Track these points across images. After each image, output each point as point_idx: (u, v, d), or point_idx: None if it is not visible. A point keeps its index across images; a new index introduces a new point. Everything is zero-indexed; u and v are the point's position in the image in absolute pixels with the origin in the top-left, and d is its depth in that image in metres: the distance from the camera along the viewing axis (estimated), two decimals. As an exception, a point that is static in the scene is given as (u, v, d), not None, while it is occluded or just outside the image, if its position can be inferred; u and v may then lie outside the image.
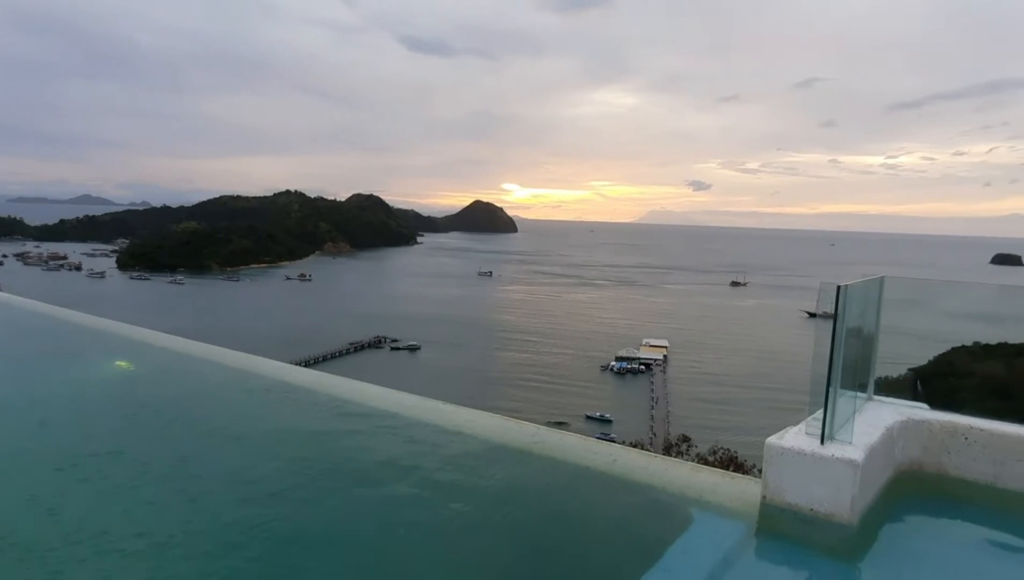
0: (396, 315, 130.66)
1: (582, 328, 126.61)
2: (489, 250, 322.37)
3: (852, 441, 3.91)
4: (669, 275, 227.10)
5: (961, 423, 4.42)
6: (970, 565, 3.89)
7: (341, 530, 4.20)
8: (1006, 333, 21.48)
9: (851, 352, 4.25)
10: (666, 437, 46.57)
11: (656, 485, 4.47)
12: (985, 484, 4.31)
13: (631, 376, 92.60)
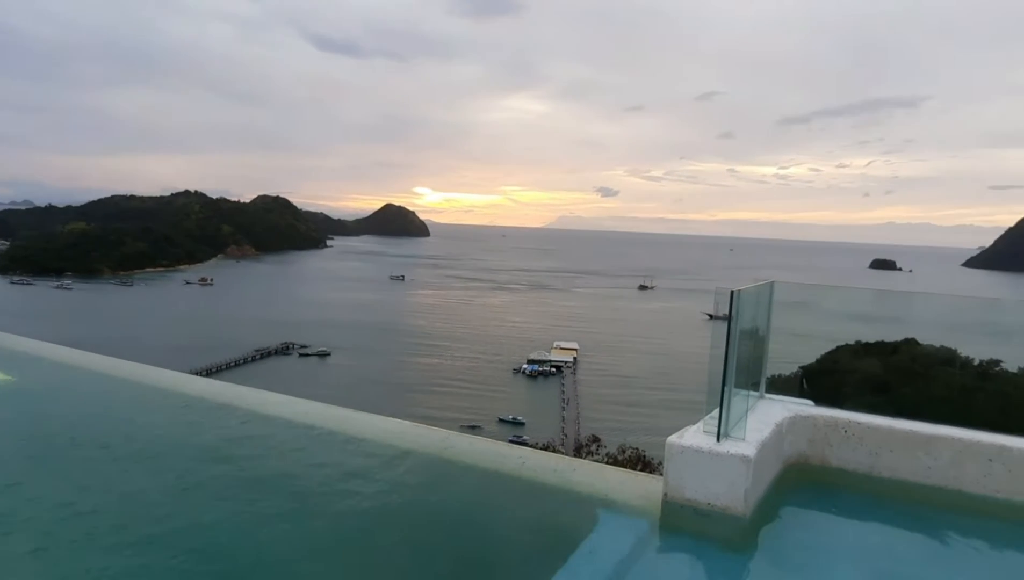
0: (305, 321, 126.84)
1: (495, 332, 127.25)
2: (401, 254, 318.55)
3: (745, 438, 4.13)
4: (580, 279, 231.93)
5: (841, 418, 4.75)
6: (852, 548, 4.18)
7: (244, 544, 4.04)
8: (883, 332, 23.09)
9: (744, 353, 4.49)
10: (577, 437, 47.31)
11: (564, 486, 4.56)
12: (863, 473, 4.66)
13: (543, 378, 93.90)
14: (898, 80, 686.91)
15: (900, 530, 4.44)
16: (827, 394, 18.74)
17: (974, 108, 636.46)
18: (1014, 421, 4.89)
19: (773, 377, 18.56)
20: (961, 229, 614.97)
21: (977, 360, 29.56)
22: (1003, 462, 4.27)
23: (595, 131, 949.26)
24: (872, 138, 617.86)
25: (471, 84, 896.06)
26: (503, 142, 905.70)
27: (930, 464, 4.46)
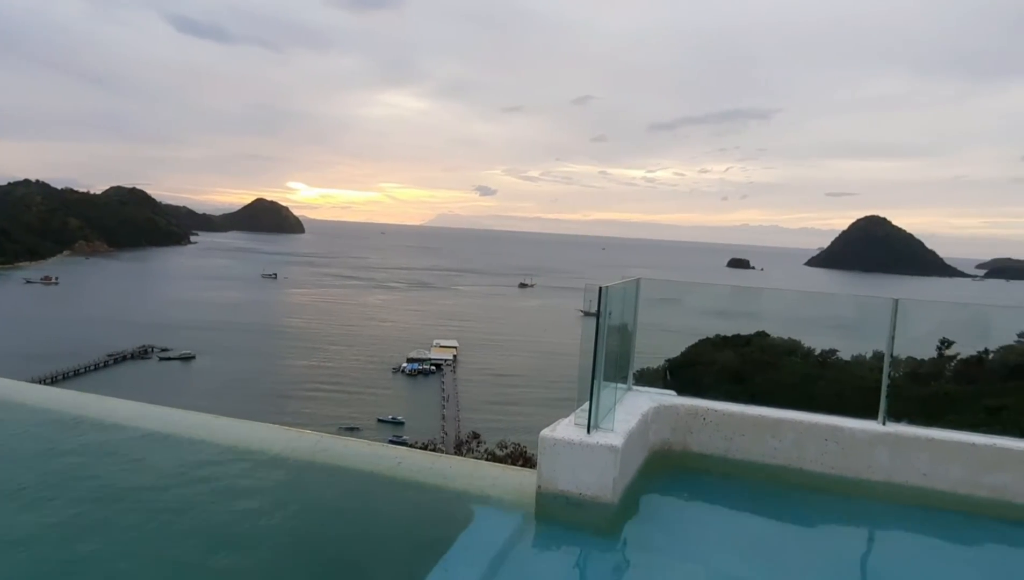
0: (166, 322, 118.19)
1: (374, 331, 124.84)
2: (274, 251, 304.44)
3: (614, 428, 4.31)
4: (460, 277, 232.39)
5: (701, 406, 5.08)
6: (711, 527, 4.48)
7: (103, 554, 3.71)
8: (739, 326, 24.69)
9: (613, 347, 4.69)
10: (457, 435, 47.39)
11: (440, 484, 4.56)
12: (719, 457, 5.01)
13: (422, 377, 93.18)
14: (753, 94, 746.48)
15: (752, 507, 4.82)
16: (691, 384, 19.92)
17: (816, 122, 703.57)
18: (848, 403, 5.39)
19: (645, 369, 19.38)
20: (804, 231, 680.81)
21: (818, 350, 32.63)
22: (837, 441, 4.74)
23: (474, 130, 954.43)
24: (730, 146, 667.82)
25: (349, 77, 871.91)
26: (382, 138, 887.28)
27: (776, 446, 4.87)
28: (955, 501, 4.46)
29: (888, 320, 4.72)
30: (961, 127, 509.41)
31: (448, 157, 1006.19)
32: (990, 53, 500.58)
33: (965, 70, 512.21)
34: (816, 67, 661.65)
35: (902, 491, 4.56)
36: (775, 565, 4.02)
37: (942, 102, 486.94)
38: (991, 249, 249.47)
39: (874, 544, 4.51)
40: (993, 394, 20.09)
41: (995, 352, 20.97)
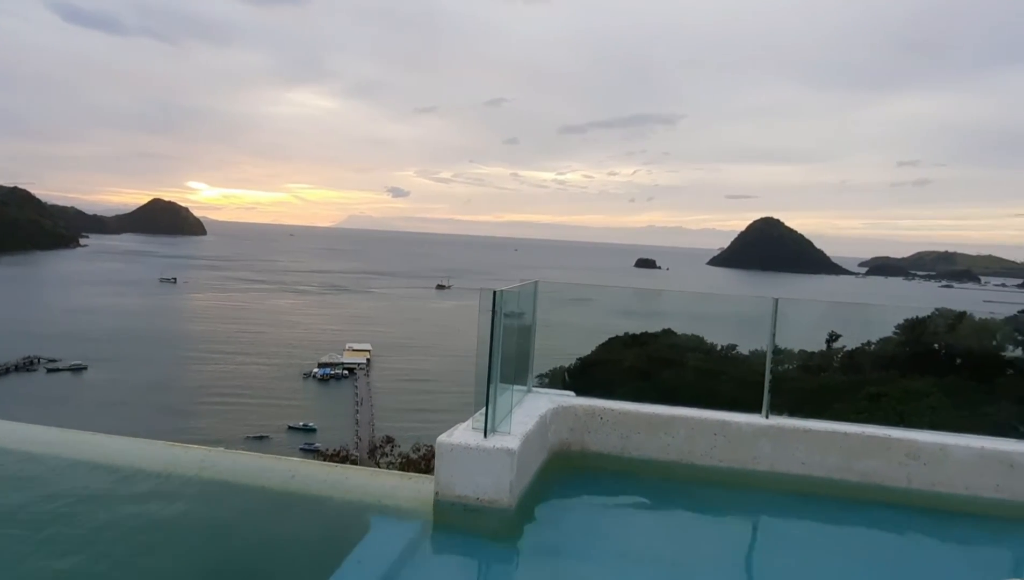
0: (55, 332, 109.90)
1: (284, 336, 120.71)
2: (173, 254, 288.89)
3: (511, 431, 4.33)
4: (375, 280, 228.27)
5: (598, 406, 5.18)
6: (608, 524, 4.56)
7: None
8: (646, 324, 25.26)
9: (511, 350, 4.71)
10: (371, 440, 46.33)
11: (335, 495, 4.43)
12: (616, 455, 5.12)
13: (335, 382, 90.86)
14: (659, 100, 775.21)
15: (647, 503, 4.96)
16: (601, 382, 20.26)
17: (717, 128, 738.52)
18: (748, 395, 5.58)
19: (557, 368, 19.58)
20: (707, 232, 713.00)
21: (719, 346, 34.04)
22: (725, 435, 4.94)
23: (386, 131, 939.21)
24: (637, 150, 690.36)
25: (252, 74, 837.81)
26: (289, 137, 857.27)
27: (669, 442, 5.03)
28: (830, 487, 4.75)
29: (770, 318, 4.97)
30: (845, 136, 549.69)
31: (359, 158, 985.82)
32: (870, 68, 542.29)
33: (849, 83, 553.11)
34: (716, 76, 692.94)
35: (783, 480, 4.81)
36: (668, 559, 4.14)
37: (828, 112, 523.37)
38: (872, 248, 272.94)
39: (759, 532, 4.74)
40: (874, 382, 21.50)
41: (876, 344, 22.44)
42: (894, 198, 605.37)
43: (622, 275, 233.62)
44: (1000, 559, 4.26)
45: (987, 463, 4.55)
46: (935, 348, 19.57)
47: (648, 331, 33.62)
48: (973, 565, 4.13)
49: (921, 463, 4.62)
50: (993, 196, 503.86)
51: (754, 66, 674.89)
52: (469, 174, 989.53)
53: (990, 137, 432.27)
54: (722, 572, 4.02)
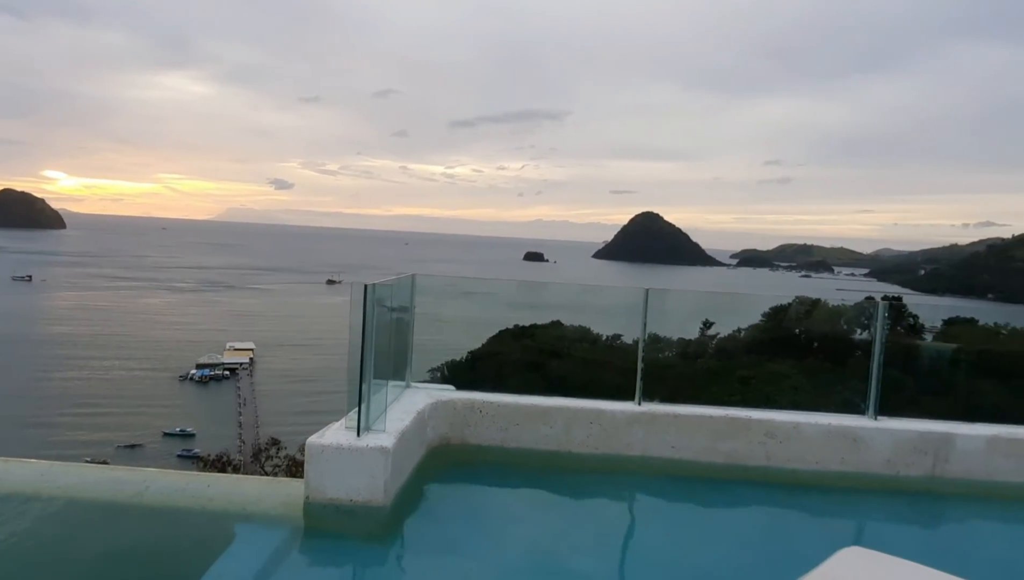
0: None
1: (157, 337, 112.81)
2: (28, 250, 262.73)
3: (386, 429, 4.21)
4: (258, 275, 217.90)
5: (477, 399, 5.15)
6: (488, 517, 4.53)
7: None
8: (535, 317, 25.57)
9: (388, 345, 4.59)
10: (256, 443, 44.43)
11: (196, 506, 4.14)
12: (496, 447, 5.12)
13: (215, 383, 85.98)
14: (547, 96, 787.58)
15: (527, 494, 4.99)
16: (492, 375, 20.23)
17: (601, 125, 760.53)
18: (631, 385, 5.69)
19: (447, 363, 19.39)
20: (592, 226, 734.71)
21: (605, 336, 35.24)
22: (600, 424, 5.06)
23: (267, 120, 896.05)
24: (525, 145, 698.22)
25: (115, 55, 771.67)
26: (158, 124, 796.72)
27: (548, 432, 5.09)
28: (698, 468, 4.97)
29: (641, 308, 5.13)
30: (717, 135, 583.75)
31: (238, 148, 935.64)
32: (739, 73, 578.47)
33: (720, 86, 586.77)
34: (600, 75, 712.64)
35: (655, 464, 4.99)
36: (546, 546, 4.17)
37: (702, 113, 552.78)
38: (741, 241, 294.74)
39: (634, 514, 4.89)
40: (744, 367, 22.81)
41: (745, 330, 23.84)
42: (760, 194, 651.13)
43: (512, 268, 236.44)
44: (845, 528, 4.62)
45: (834, 438, 4.92)
46: (796, 333, 21.05)
47: (537, 323, 34.27)
48: (822, 535, 4.46)
49: (777, 441, 4.93)
50: (844, 194, 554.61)
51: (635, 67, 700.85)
52: (357, 167, 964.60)
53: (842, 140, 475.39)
54: (597, 556, 4.10)
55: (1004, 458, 4.86)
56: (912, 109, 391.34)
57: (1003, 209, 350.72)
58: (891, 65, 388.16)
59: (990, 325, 18.93)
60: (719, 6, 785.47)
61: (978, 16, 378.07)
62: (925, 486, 4.85)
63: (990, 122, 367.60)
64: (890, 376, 5.09)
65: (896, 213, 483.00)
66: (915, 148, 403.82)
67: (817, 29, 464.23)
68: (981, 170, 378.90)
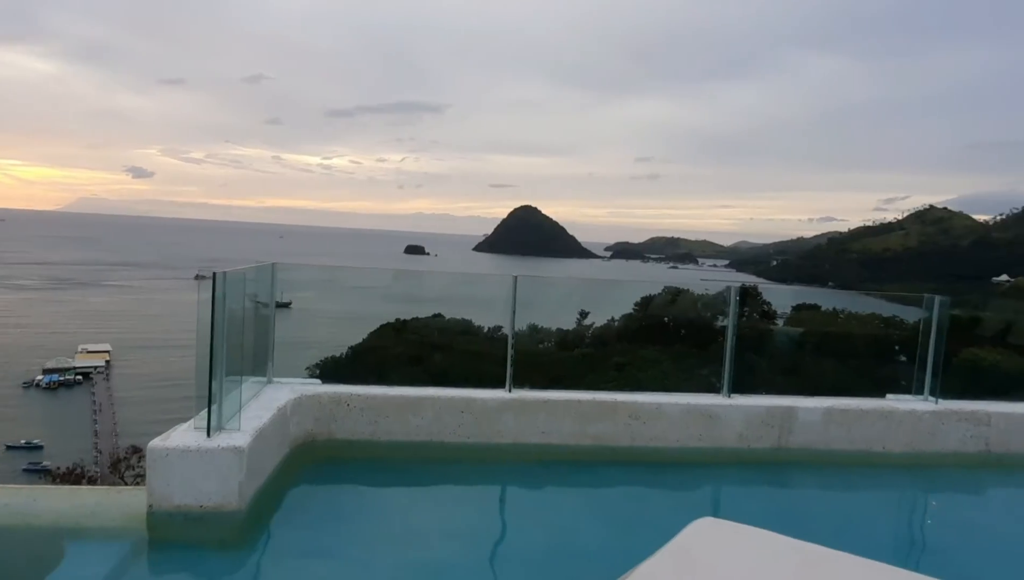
0: None
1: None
2: None
3: (240, 428, 3.95)
4: (116, 271, 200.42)
5: (344, 392, 4.97)
6: (356, 513, 4.35)
7: None
8: (417, 310, 25.07)
9: (244, 339, 4.30)
10: (113, 452, 41.07)
11: (20, 524, 3.69)
12: (365, 441, 4.96)
13: (65, 390, 78.38)
14: (427, 88, 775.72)
15: (396, 487, 4.87)
16: (375, 369, 19.66)
17: (481, 118, 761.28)
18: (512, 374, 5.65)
19: (329, 358, 18.54)
20: (472, 219, 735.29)
21: (486, 327, 35.56)
22: (471, 412, 5.03)
23: (122, 103, 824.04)
24: (405, 137, 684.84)
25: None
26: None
27: (418, 423, 4.99)
28: (567, 452, 5.06)
29: (510, 296, 5.15)
30: (592, 132, 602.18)
31: (90, 132, 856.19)
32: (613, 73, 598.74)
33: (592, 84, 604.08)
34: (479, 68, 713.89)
35: (526, 450, 5.03)
36: (418, 539, 4.08)
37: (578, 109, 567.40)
38: (615, 234, 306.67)
39: (505, 501, 4.90)
40: (619, 354, 23.63)
41: (619, 319, 24.72)
42: (632, 189, 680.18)
43: (392, 261, 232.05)
44: (703, 499, 4.88)
45: (692, 417, 5.17)
46: (665, 321, 22.12)
47: (419, 316, 34.00)
48: (682, 508, 4.67)
49: (641, 422, 5.12)
50: (707, 190, 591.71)
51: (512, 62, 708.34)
52: (225, 155, 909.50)
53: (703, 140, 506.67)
54: (469, 545, 4.06)
55: (838, 427, 5.32)
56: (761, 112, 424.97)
57: (841, 205, 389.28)
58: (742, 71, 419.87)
59: (830, 310, 20.79)
60: (587, 5, 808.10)
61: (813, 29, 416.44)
62: (772, 456, 5.21)
63: (826, 126, 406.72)
64: (747, 358, 5.42)
65: (752, 208, 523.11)
66: (766, 148, 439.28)
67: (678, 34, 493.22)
68: (821, 170, 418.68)
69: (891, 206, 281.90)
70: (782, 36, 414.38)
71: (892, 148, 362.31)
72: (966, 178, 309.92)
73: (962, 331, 14.31)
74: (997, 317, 16.95)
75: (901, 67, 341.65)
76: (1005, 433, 5.56)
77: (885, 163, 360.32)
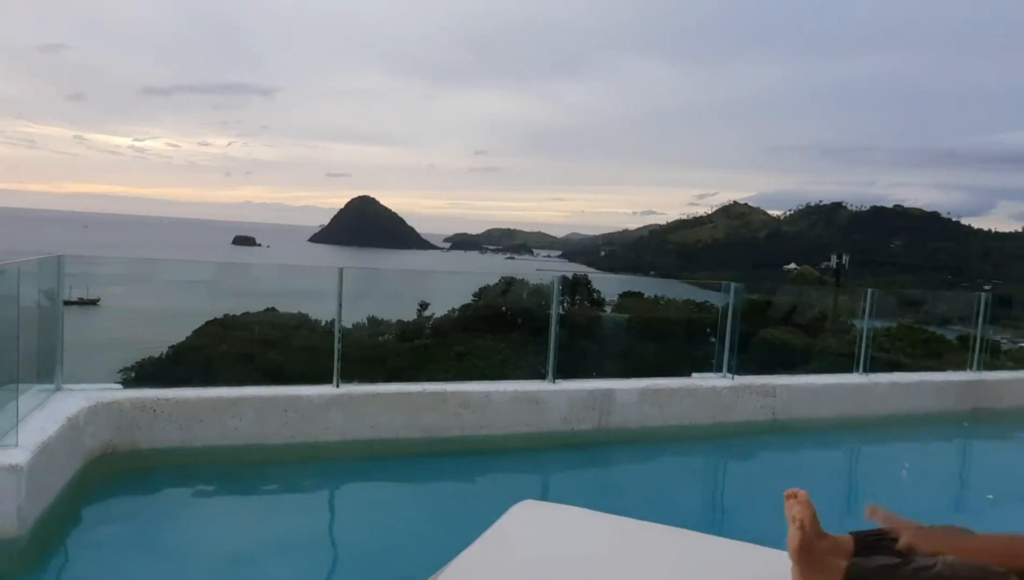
0: None
1: None
2: None
3: (18, 443, 3.48)
4: None
5: (149, 397, 4.54)
6: (164, 528, 3.97)
7: None
8: (248, 304, 23.62)
9: (22, 341, 3.78)
10: None
11: None
12: (176, 448, 4.57)
13: None
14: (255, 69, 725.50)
15: (212, 496, 4.55)
16: (200, 370, 18.13)
17: (315, 105, 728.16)
18: (352, 370, 5.42)
19: (146, 359, 16.80)
20: (307, 209, 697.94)
21: (324, 321, 34.40)
22: (296, 410, 4.81)
23: None
24: (232, 120, 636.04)
25: None
26: None
27: (237, 425, 4.69)
28: (398, 446, 5.02)
29: (336, 288, 4.99)
30: (431, 123, 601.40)
31: None
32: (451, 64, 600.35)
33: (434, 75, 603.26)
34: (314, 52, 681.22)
35: (356, 446, 4.91)
36: (232, 551, 3.82)
37: (417, 99, 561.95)
38: (454, 226, 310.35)
39: (334, 502, 4.74)
40: (459, 343, 23.81)
41: (459, 310, 24.91)
42: (471, 182, 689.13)
43: (219, 254, 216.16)
44: (530, 483, 5.04)
45: (520, 403, 5.34)
46: (503, 310, 22.64)
47: (250, 311, 32.05)
48: (509, 493, 4.74)
49: (471, 411, 5.19)
50: (541, 183, 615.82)
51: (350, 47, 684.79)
52: (15, 133, 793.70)
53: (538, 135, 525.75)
54: (292, 552, 3.88)
55: (651, 406, 5.75)
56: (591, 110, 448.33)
57: (661, 200, 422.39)
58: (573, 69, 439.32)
59: (651, 297, 22.43)
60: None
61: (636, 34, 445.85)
62: (593, 437, 5.52)
63: (648, 125, 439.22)
64: (579, 344, 5.69)
65: (582, 201, 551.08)
66: (595, 145, 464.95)
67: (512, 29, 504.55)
68: (644, 166, 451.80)
69: (703, 201, 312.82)
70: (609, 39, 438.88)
71: (704, 148, 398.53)
72: (764, 177, 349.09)
73: (757, 314, 16.06)
74: (785, 300, 19.20)
75: (711, 75, 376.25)
76: (788, 402, 6.33)
77: (699, 161, 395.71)
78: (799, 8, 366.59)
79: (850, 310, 17.04)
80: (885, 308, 13.24)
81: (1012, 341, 14.56)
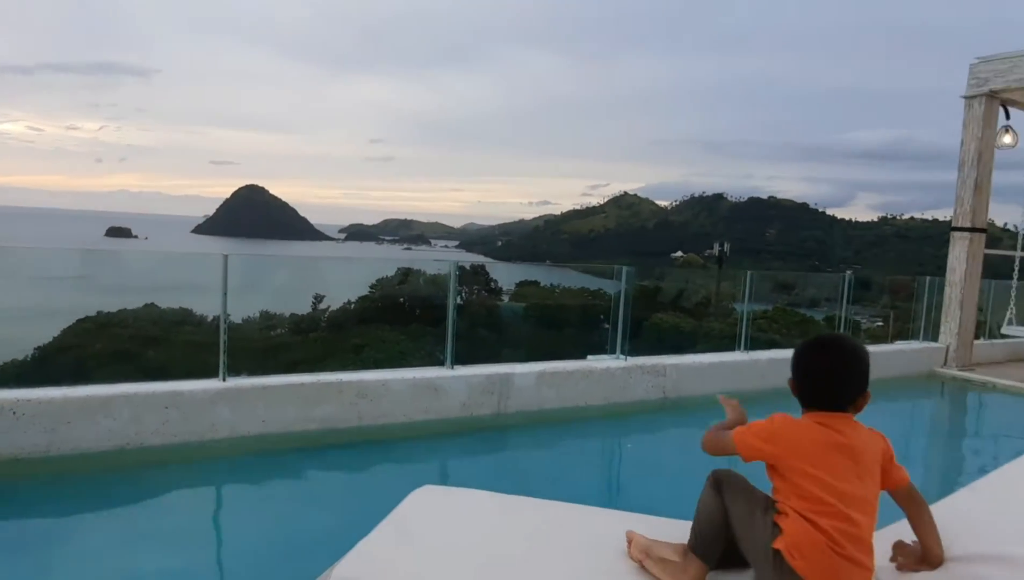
0: None
1: None
2: None
3: None
4: None
5: (8, 398, 4.12)
6: (29, 548, 3.63)
7: None
8: (124, 301, 21.89)
9: None
10: None
11: None
12: (40, 457, 4.18)
13: None
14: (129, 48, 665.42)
15: (83, 509, 4.17)
16: (72, 371, 16.70)
17: (198, 88, 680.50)
18: (241, 364, 5.13)
19: (6, 364, 15.40)
20: (189, 199, 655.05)
21: (211, 316, 32.61)
22: (178, 407, 4.53)
23: None
24: (104, 102, 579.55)
25: None
26: None
27: (111, 426, 4.36)
28: (291, 439, 4.83)
29: (220, 277, 4.73)
30: (324, 111, 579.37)
31: None
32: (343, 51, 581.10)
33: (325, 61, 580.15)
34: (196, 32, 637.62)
35: (245, 442, 4.69)
36: (108, 569, 3.52)
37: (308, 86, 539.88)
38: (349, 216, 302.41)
39: (221, 502, 4.49)
40: (356, 336, 23.42)
41: (355, 302, 24.50)
42: (366, 171, 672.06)
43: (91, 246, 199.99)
44: (430, 470, 4.99)
45: (418, 390, 5.28)
46: (401, 301, 22.36)
47: (127, 308, 29.93)
48: (410, 481, 4.69)
49: (368, 400, 5.08)
50: (438, 173, 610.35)
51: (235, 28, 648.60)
52: None
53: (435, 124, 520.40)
54: (178, 557, 3.64)
55: (548, 388, 5.86)
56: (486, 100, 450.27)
57: (555, 190, 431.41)
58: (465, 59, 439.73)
59: (547, 285, 22.85)
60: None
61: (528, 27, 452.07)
62: (493, 422, 5.55)
63: (542, 117, 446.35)
64: (478, 332, 5.68)
65: (479, 192, 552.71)
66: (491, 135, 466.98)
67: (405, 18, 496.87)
68: (538, 157, 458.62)
69: (595, 192, 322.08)
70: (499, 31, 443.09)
71: (595, 141, 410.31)
72: (652, 169, 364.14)
73: (648, 299, 16.75)
74: (673, 286, 20.14)
75: (601, 69, 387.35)
76: (677, 381, 6.62)
77: (591, 153, 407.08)
78: (683, 9, 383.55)
79: (731, 294, 18.11)
80: (762, 291, 14.19)
81: (871, 319, 16.00)
